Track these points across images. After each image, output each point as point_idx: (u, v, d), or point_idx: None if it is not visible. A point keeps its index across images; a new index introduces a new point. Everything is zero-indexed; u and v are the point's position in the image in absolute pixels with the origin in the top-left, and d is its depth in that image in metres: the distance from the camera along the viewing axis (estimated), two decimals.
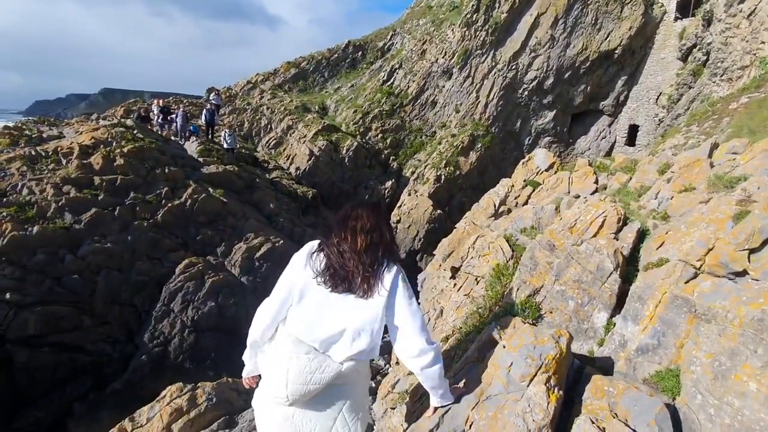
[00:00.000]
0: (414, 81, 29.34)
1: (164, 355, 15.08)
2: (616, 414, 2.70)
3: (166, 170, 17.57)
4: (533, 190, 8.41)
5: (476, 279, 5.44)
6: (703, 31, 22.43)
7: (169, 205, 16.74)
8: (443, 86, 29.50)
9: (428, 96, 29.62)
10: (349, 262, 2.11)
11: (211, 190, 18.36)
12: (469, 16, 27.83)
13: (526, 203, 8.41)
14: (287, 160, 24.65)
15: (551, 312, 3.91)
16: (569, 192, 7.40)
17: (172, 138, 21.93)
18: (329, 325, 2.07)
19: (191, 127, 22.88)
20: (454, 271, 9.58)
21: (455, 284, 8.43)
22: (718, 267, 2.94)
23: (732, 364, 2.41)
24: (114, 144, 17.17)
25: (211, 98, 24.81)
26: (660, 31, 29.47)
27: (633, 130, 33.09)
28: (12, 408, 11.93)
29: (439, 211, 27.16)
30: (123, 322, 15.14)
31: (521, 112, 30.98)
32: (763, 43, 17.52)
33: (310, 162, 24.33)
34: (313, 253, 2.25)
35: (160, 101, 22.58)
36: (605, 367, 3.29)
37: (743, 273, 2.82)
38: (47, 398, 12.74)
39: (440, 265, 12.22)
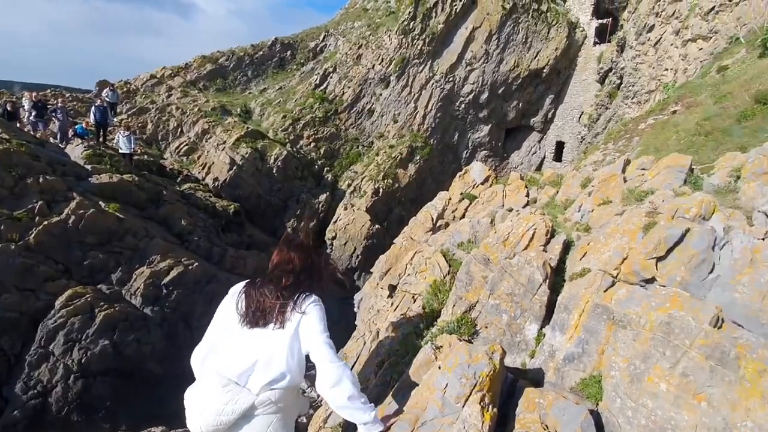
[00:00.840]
0: (350, 87, 29.82)
1: (43, 408, 13.26)
2: (546, 426, 2.96)
3: (41, 179, 15.60)
4: (470, 204, 8.95)
5: (413, 297, 5.61)
6: (618, 56, 25.84)
7: (45, 222, 14.85)
8: (380, 94, 30.34)
9: (365, 104, 30.25)
10: (269, 300, 2.42)
11: (102, 204, 16.74)
12: (406, 23, 29.15)
13: (463, 217, 8.91)
14: (202, 169, 23.46)
15: (486, 327, 4.18)
16: (503, 205, 8.00)
17: (51, 140, 19.82)
18: (243, 358, 2.29)
19: (77, 128, 20.83)
20: (392, 289, 9.77)
21: (392, 303, 8.61)
22: (632, 275, 3.39)
23: (645, 367, 2.78)
24: None
25: (103, 94, 22.82)
26: (581, 54, 33.39)
27: (560, 146, 36.82)
28: None
29: (377, 226, 27.54)
30: None
31: (459, 125, 32.89)
32: (667, 70, 20.66)
33: (231, 172, 23.39)
34: (238, 293, 2.55)
35: (34, 94, 20.17)
36: (537, 378, 3.58)
37: (652, 280, 3.28)
38: None
39: (377, 284, 12.38)
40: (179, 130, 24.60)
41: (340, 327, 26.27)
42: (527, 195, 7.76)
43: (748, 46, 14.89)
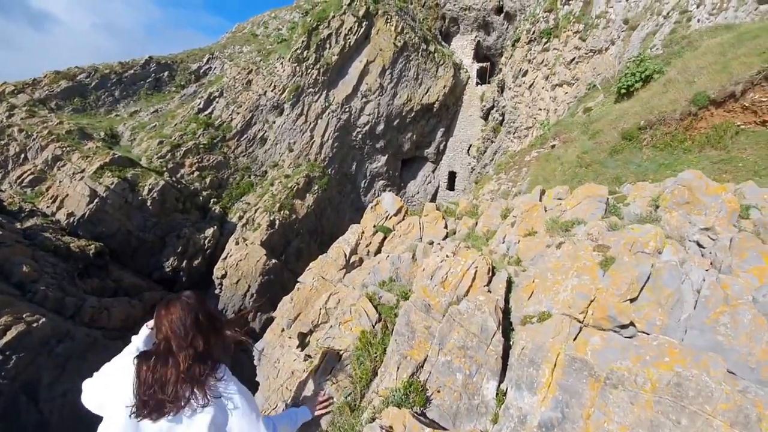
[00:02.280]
0: (239, 113, 28.02)
1: None
2: None
3: None
4: (385, 237, 8.41)
5: (338, 354, 4.71)
6: (499, 95, 28.78)
7: None
8: (274, 122, 29.09)
9: (257, 131, 28.65)
10: (169, 388, 1.94)
11: None
12: (299, 52, 28.73)
13: (378, 251, 8.30)
14: (53, 202, 19.38)
15: (439, 391, 3.51)
16: (421, 238, 7.60)
17: None
18: None
19: None
20: (302, 338, 8.62)
21: (309, 360, 7.48)
22: (605, 320, 3.04)
23: None
24: None
25: None
26: (466, 93, 36.69)
27: (452, 176, 39.49)
28: None
29: (274, 261, 25.58)
30: None
31: (356, 155, 33.06)
32: (540, 109, 23.45)
33: (91, 206, 19.69)
34: (123, 372, 2.04)
35: None
36: None
37: (629, 325, 2.95)
38: None
39: (283, 331, 11.00)
40: (22, 156, 20.13)
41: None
42: (445, 226, 7.50)
43: (604, 91, 17.49)
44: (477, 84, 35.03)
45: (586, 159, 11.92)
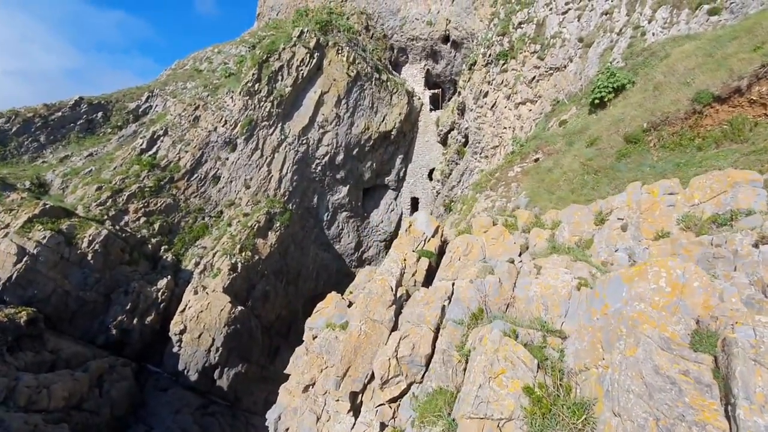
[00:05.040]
0: (187, 151, 25.58)
1: None
2: None
3: None
4: (430, 262, 7.06)
5: (497, 424, 3.24)
6: (459, 118, 28.94)
7: None
8: (227, 158, 26.91)
9: (208, 169, 26.27)
10: None
11: None
12: (250, 84, 27.19)
13: (428, 280, 6.92)
14: None
15: None
16: (485, 258, 6.35)
17: None
18: None
19: None
20: (354, 398, 6.85)
21: (385, 428, 5.74)
22: None
23: None
24: None
25: None
26: (421, 119, 36.86)
27: (414, 202, 39.01)
28: None
29: (239, 308, 22.78)
30: None
31: (317, 188, 31.46)
32: (505, 128, 23.65)
33: (19, 266, 16.31)
34: None
35: None
36: None
37: None
38: None
39: (305, 390, 9.04)
40: None
41: None
42: (514, 242, 6.34)
43: (575, 104, 17.75)
44: (431, 110, 35.33)
45: (593, 165, 11.49)
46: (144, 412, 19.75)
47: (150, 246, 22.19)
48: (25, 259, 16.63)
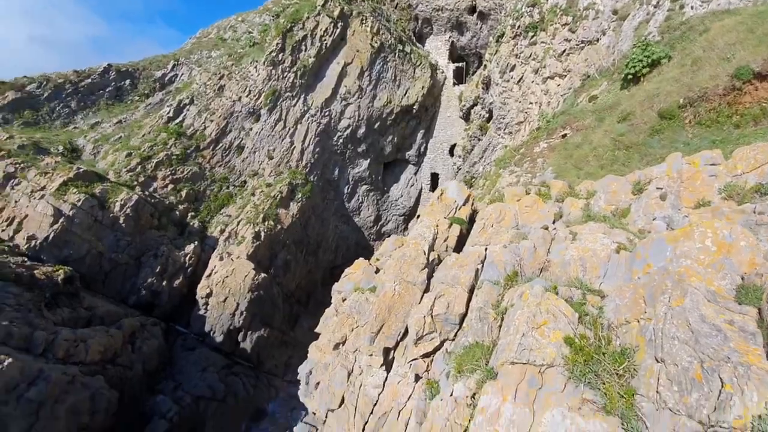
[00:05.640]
0: (212, 121, 25.85)
1: None
2: None
3: None
4: (461, 229, 7.20)
5: (539, 370, 3.44)
6: (484, 92, 28.43)
7: None
8: (250, 129, 27.12)
9: (233, 139, 26.56)
10: None
11: None
12: (274, 54, 27.05)
13: (458, 246, 7.07)
14: (8, 225, 16.54)
15: None
16: (518, 225, 6.46)
17: None
18: None
19: None
20: (386, 353, 7.18)
21: (420, 380, 6.04)
22: None
23: None
24: None
25: None
26: (444, 93, 36.30)
27: (434, 177, 38.88)
28: None
29: (263, 275, 23.47)
30: None
31: (338, 160, 31.58)
32: (532, 103, 23.19)
33: (56, 226, 17.01)
34: None
35: None
36: None
37: None
38: None
39: (336, 347, 9.44)
40: None
41: (231, 410, 21.07)
42: (547, 210, 6.42)
43: (606, 79, 17.28)
44: (454, 84, 34.71)
45: (624, 141, 11.31)
46: (173, 370, 20.75)
47: (178, 213, 22.80)
48: (61, 220, 17.31)
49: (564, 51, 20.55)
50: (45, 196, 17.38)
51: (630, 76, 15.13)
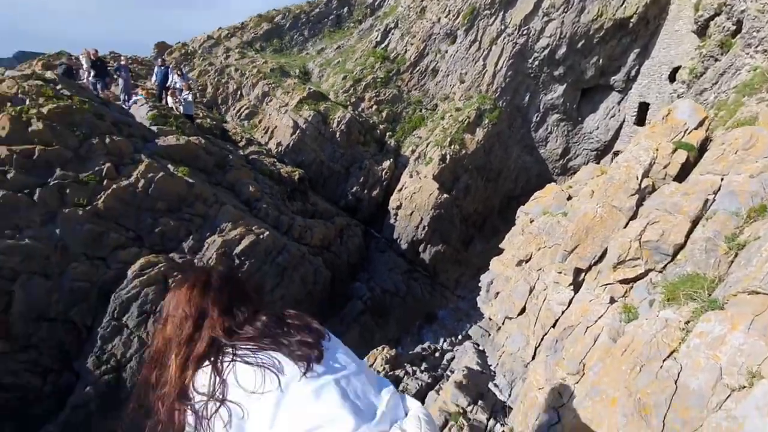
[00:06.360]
0: (412, 44, 26.74)
1: (117, 384, 12.06)
2: None
3: (107, 140, 14.01)
4: (689, 156, 6.28)
5: None
6: None
7: (114, 186, 13.33)
8: (446, 51, 27.12)
9: (429, 62, 27.16)
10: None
11: (171, 167, 15.02)
12: None
13: (681, 175, 6.25)
14: (265, 133, 21.43)
15: None
16: None
17: (113, 102, 18.06)
18: None
19: (138, 95, 19.07)
20: (577, 274, 7.35)
21: (614, 303, 6.13)
22: None
23: None
24: (28, 102, 13.32)
25: (165, 57, 20.97)
26: (673, 2, 28.67)
27: (643, 108, 32.48)
28: None
29: (445, 195, 24.97)
30: (55, 344, 11.90)
31: (530, 85, 29.28)
32: None
33: (294, 136, 21.24)
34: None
35: (92, 52, 18.07)
36: None
37: None
38: None
39: (521, 264, 9.93)
40: (239, 92, 22.52)
41: (409, 308, 24.20)
42: None
43: None
44: None
45: None
46: (368, 265, 24.70)
47: (378, 131, 25.38)
48: (297, 132, 21.42)
49: None
50: (287, 111, 21.58)
51: None
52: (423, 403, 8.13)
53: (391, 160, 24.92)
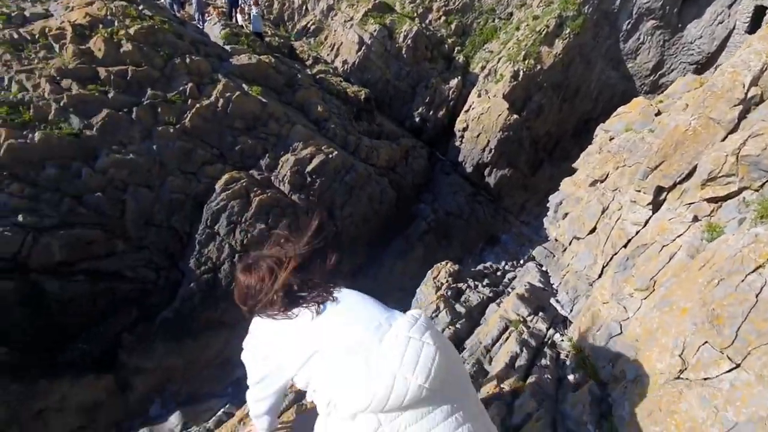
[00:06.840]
0: None
1: (214, 283, 13.87)
2: None
3: (188, 60, 14.66)
4: None
5: None
6: None
7: (197, 105, 14.19)
8: None
9: None
10: None
11: (245, 86, 15.53)
12: None
13: None
14: (331, 51, 21.02)
15: None
16: None
17: (189, 22, 18.50)
18: None
19: (210, 14, 19.30)
20: (658, 192, 6.93)
21: (697, 221, 5.78)
22: None
23: None
24: (116, 23, 14.08)
25: None
26: None
27: (760, 12, 26.64)
28: (54, 343, 11.03)
29: (515, 116, 23.51)
30: (163, 246, 13.75)
31: None
32: None
33: (359, 54, 20.63)
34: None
35: None
36: None
37: None
38: (90, 332, 11.82)
39: (594, 184, 9.51)
40: (304, 8, 21.88)
41: (472, 230, 24.34)
42: None
43: None
44: None
45: None
46: (432, 187, 24.73)
47: (446, 46, 23.78)
48: (363, 48, 20.72)
49: None
50: (353, 26, 20.78)
51: None
52: (484, 314, 8.59)
53: (459, 78, 23.55)
